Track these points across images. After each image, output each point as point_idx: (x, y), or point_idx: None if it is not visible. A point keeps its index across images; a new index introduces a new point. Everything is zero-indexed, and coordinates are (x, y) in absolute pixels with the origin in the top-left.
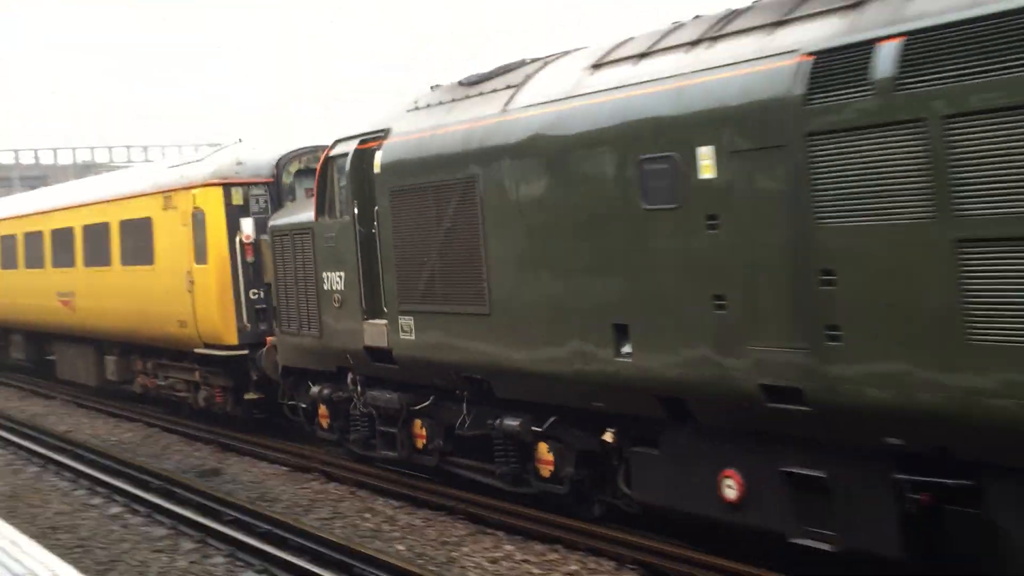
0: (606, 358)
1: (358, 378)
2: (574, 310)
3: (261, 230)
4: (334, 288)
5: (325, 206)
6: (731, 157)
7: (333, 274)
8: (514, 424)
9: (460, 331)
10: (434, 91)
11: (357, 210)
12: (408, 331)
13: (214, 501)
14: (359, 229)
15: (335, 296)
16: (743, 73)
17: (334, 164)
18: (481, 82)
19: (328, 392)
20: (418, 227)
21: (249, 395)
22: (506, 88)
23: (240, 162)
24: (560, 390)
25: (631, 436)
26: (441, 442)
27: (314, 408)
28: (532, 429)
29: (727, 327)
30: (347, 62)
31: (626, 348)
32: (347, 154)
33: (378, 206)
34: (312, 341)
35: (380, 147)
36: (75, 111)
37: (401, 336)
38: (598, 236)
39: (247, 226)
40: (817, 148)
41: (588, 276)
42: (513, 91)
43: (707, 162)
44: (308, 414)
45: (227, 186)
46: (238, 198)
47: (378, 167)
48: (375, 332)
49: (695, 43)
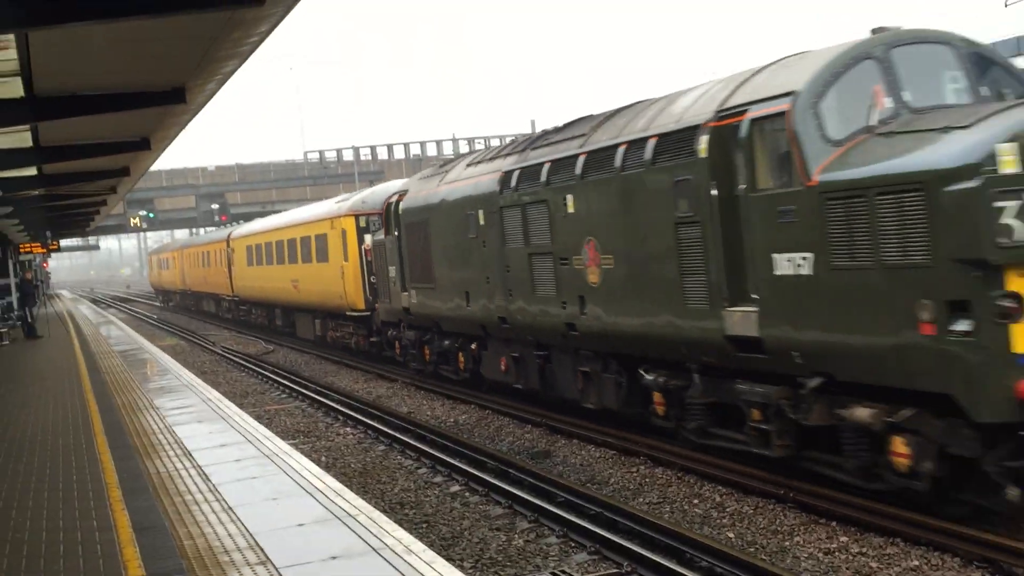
0: (463, 307)
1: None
2: (456, 284)
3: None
4: (391, 275)
5: (386, 230)
6: (487, 215)
7: (391, 267)
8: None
9: (427, 297)
10: (432, 169)
11: (396, 232)
12: (413, 298)
13: (546, 483)
14: (398, 243)
15: (392, 280)
16: (488, 178)
17: (388, 208)
18: (440, 168)
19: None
20: (413, 242)
21: (373, 339)
22: (441, 173)
23: (364, 201)
24: (454, 323)
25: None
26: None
27: (399, 341)
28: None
29: (502, 292)
30: None
31: (469, 303)
32: (391, 203)
33: (399, 231)
34: (387, 306)
35: (402, 200)
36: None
37: (412, 301)
38: (460, 249)
39: (367, 240)
40: (504, 212)
41: (459, 269)
42: (442, 175)
43: (481, 216)
44: (389, 344)
45: (357, 216)
46: (363, 223)
47: (400, 210)
48: (405, 299)
49: (478, 162)
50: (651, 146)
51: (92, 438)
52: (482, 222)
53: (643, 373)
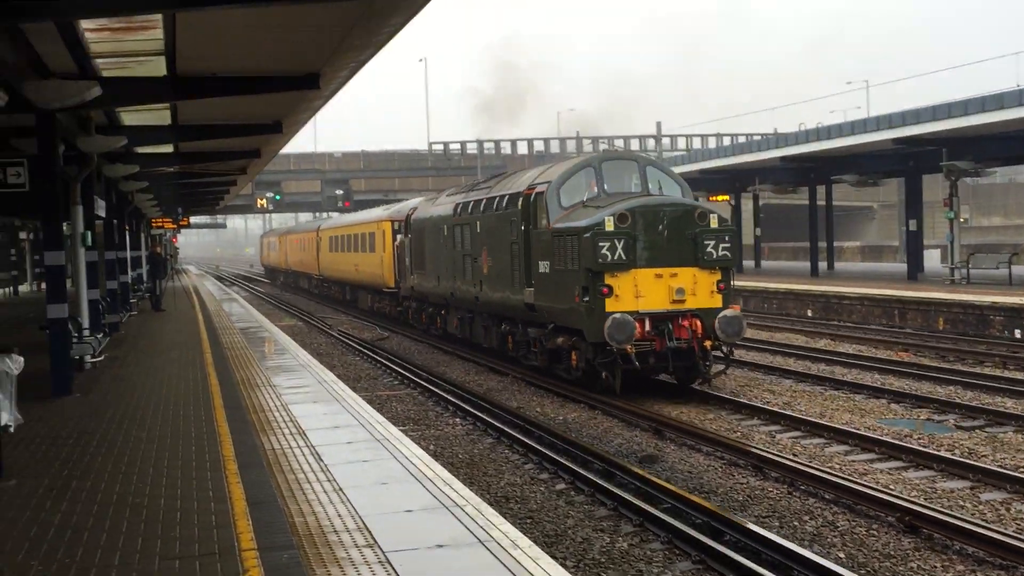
0: (437, 286)
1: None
2: (434, 271)
3: None
4: (406, 264)
5: (404, 233)
6: (448, 228)
7: (406, 259)
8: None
9: (421, 279)
10: (432, 194)
11: (409, 235)
12: (415, 280)
13: (652, 487)
14: (410, 243)
15: (406, 267)
16: (450, 206)
17: (407, 218)
18: (437, 194)
19: (507, 328)
20: (416, 243)
21: (399, 308)
22: (434, 198)
23: (398, 212)
24: (433, 297)
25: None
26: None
27: (410, 310)
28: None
29: (477, 279)
30: None
31: (439, 284)
32: (408, 215)
33: (411, 235)
34: (404, 285)
35: (413, 214)
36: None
37: (414, 282)
38: (436, 249)
39: (397, 239)
40: (454, 228)
41: (436, 261)
42: (434, 200)
43: (445, 229)
44: (405, 312)
45: (392, 222)
46: (396, 227)
47: (411, 220)
48: (411, 280)
49: (451, 195)
50: (505, 199)
51: (212, 411)
52: (445, 233)
53: (509, 328)
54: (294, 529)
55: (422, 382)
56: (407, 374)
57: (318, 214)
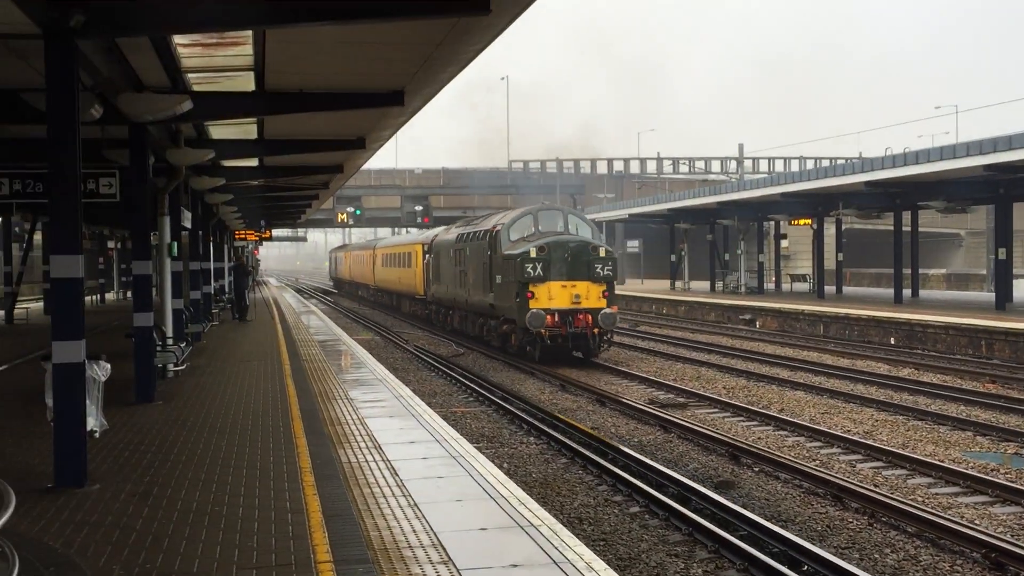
0: (446, 294)
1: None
2: (444, 282)
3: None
4: (430, 277)
5: (429, 253)
6: (452, 251)
7: (430, 273)
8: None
9: (437, 289)
10: (447, 225)
11: (431, 255)
12: (434, 289)
13: (728, 513)
14: (432, 261)
15: (430, 280)
16: (454, 236)
17: (431, 241)
18: (450, 226)
19: (482, 322)
20: (435, 261)
21: (426, 310)
22: (448, 229)
23: (427, 237)
24: (444, 302)
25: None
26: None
27: (433, 313)
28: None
29: (474, 290)
30: None
31: (447, 292)
32: (431, 239)
33: (432, 255)
34: (430, 293)
35: (435, 240)
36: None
37: (433, 291)
38: (445, 266)
39: (426, 258)
40: (454, 252)
41: (445, 275)
42: (448, 230)
43: (450, 251)
44: (431, 315)
45: (423, 244)
46: (426, 248)
47: (432, 243)
48: (432, 289)
49: (455, 228)
50: (481, 233)
51: (289, 422)
52: (451, 255)
53: (481, 321)
54: (369, 543)
55: (497, 400)
56: (482, 391)
57: (396, 230)
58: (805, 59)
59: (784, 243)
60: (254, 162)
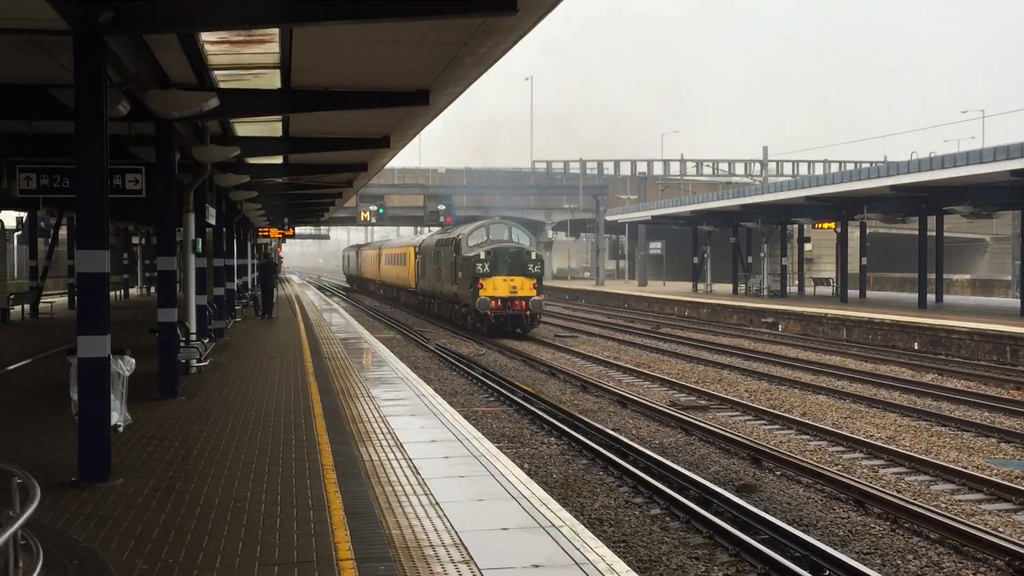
0: (428, 286)
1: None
2: (427, 277)
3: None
4: (419, 273)
5: (418, 254)
6: (432, 252)
7: (418, 270)
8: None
9: (423, 282)
10: (432, 231)
11: (420, 256)
12: (422, 283)
13: (749, 517)
14: (420, 260)
15: (419, 275)
16: (436, 240)
17: (420, 244)
18: (434, 232)
19: (452, 307)
20: (422, 260)
21: (416, 300)
22: (431, 234)
23: (419, 240)
24: (428, 293)
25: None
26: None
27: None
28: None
29: (446, 282)
30: None
31: (430, 285)
32: (420, 242)
33: (420, 255)
34: (419, 286)
35: (422, 243)
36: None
37: (423, 284)
38: (429, 264)
39: (417, 258)
40: (436, 253)
41: (429, 271)
42: (432, 235)
43: (431, 252)
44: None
45: (414, 247)
46: (417, 250)
47: (420, 246)
48: (420, 283)
49: (435, 234)
50: (450, 240)
51: (312, 420)
52: (431, 256)
53: (450, 306)
54: (391, 541)
55: (518, 399)
56: (503, 391)
57: (419, 229)
58: (831, 62)
59: (807, 246)
60: (279, 159)
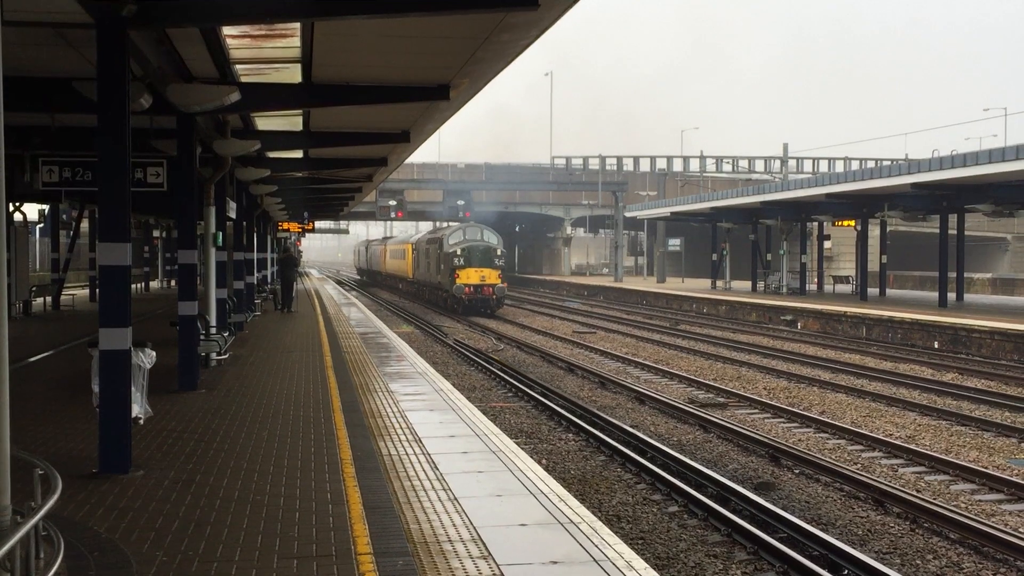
0: (421, 276)
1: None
2: (421, 269)
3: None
4: (414, 265)
5: (415, 249)
6: (424, 248)
7: (414, 263)
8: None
9: (417, 273)
10: (424, 231)
11: (416, 251)
12: (417, 274)
13: (768, 515)
14: (416, 254)
15: (415, 267)
16: (427, 239)
17: (417, 242)
18: (425, 234)
19: (438, 293)
20: (416, 255)
21: (413, 289)
22: (424, 233)
23: (414, 240)
24: (419, 283)
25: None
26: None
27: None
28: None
29: (433, 273)
30: None
31: (423, 275)
32: (417, 240)
33: (415, 251)
34: (415, 277)
35: (416, 242)
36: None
37: (417, 275)
38: (421, 258)
39: (413, 253)
40: (426, 248)
41: (422, 264)
42: (424, 234)
43: (423, 248)
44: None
45: (412, 243)
46: (413, 247)
47: (415, 243)
48: (416, 273)
49: (426, 234)
50: (436, 239)
51: (331, 413)
52: (423, 251)
53: (436, 293)
54: (409, 536)
55: (536, 395)
56: (521, 386)
57: (438, 224)
58: (852, 59)
59: (827, 244)
60: (299, 154)
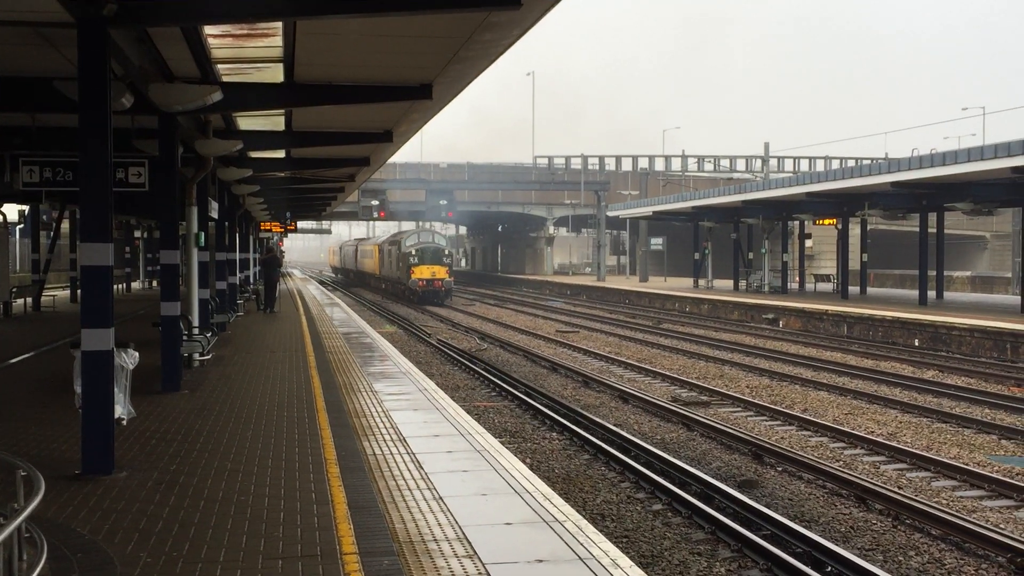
0: (387, 272)
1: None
2: (385, 267)
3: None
4: (380, 264)
5: (381, 250)
6: (388, 249)
7: (380, 262)
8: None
9: (383, 270)
10: (391, 233)
11: (381, 251)
12: (382, 271)
13: (751, 512)
14: (382, 254)
15: (380, 265)
16: (390, 240)
17: (382, 244)
18: (388, 236)
19: (398, 287)
20: (381, 254)
21: (381, 286)
22: (389, 236)
23: (381, 241)
24: (385, 279)
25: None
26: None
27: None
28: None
29: (394, 270)
30: None
31: (388, 272)
32: (383, 242)
33: (381, 251)
34: (381, 274)
35: (382, 243)
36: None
37: (382, 272)
38: (386, 258)
39: (380, 253)
40: (389, 249)
41: (386, 262)
42: (389, 237)
43: (387, 249)
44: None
45: (379, 244)
46: (380, 247)
47: (381, 245)
48: (381, 270)
49: (389, 236)
50: (396, 240)
51: (314, 413)
52: (386, 251)
53: (397, 286)
54: (394, 535)
55: (520, 395)
56: (505, 386)
57: (420, 224)
58: (832, 58)
59: (808, 243)
60: (281, 154)
